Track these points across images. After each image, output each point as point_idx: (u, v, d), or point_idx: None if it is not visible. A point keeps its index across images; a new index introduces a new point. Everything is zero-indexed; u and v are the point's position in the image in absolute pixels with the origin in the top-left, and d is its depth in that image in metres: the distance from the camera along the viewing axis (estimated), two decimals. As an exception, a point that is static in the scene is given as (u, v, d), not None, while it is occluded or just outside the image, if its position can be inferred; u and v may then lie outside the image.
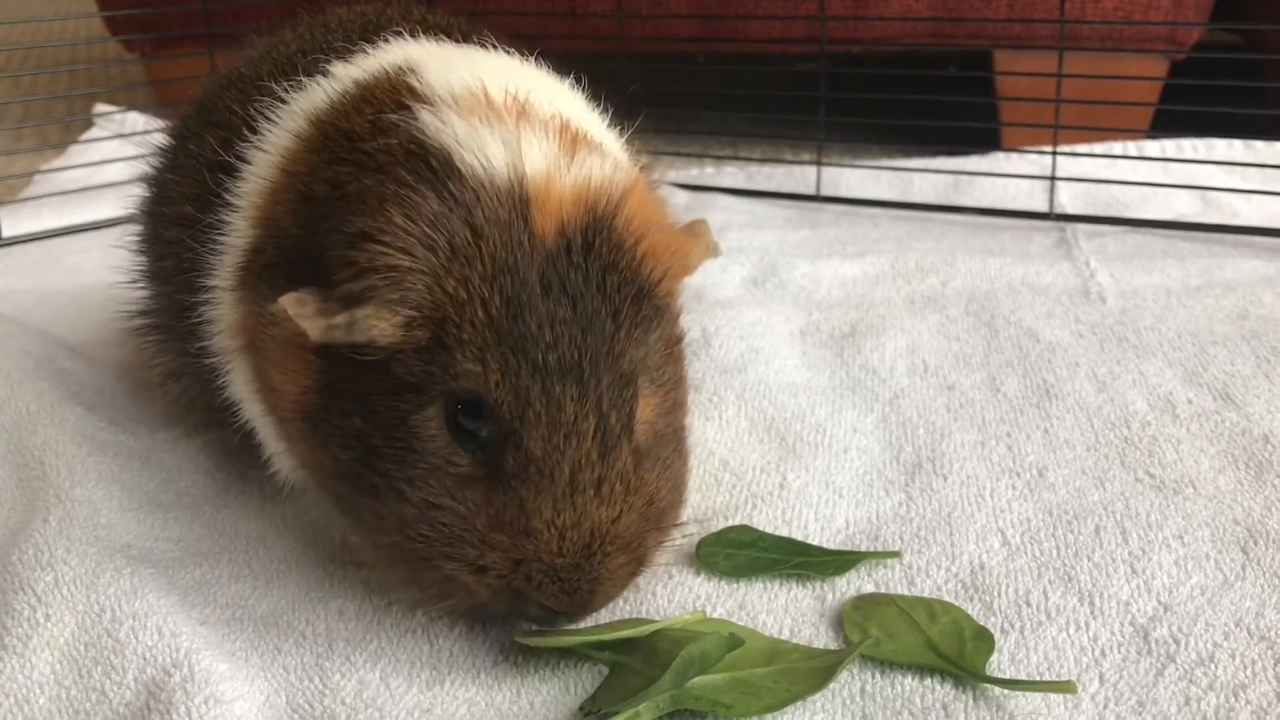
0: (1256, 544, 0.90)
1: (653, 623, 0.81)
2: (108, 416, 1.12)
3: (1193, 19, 1.90)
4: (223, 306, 0.88)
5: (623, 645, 0.79)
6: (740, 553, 0.91)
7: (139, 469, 1.05)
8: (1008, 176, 1.80)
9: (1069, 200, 1.74)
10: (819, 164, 1.85)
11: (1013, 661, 0.79)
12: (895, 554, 0.91)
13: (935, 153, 1.94)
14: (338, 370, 0.77)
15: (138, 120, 2.22)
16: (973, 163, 1.88)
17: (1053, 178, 1.70)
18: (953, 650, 0.79)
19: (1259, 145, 1.85)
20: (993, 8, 1.94)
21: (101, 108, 2.31)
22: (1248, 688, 0.75)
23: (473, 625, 0.84)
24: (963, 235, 1.65)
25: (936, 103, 1.86)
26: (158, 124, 2.10)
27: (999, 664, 0.79)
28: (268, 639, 0.84)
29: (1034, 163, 1.83)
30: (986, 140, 1.97)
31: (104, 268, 1.21)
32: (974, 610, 0.84)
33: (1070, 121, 1.71)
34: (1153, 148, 1.87)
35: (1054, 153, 1.71)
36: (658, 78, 1.92)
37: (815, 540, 0.94)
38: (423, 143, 0.77)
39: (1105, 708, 0.75)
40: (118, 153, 2.02)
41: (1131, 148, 1.88)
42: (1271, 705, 0.74)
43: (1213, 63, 1.84)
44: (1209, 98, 1.64)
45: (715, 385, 1.18)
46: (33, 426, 1.05)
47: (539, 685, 0.79)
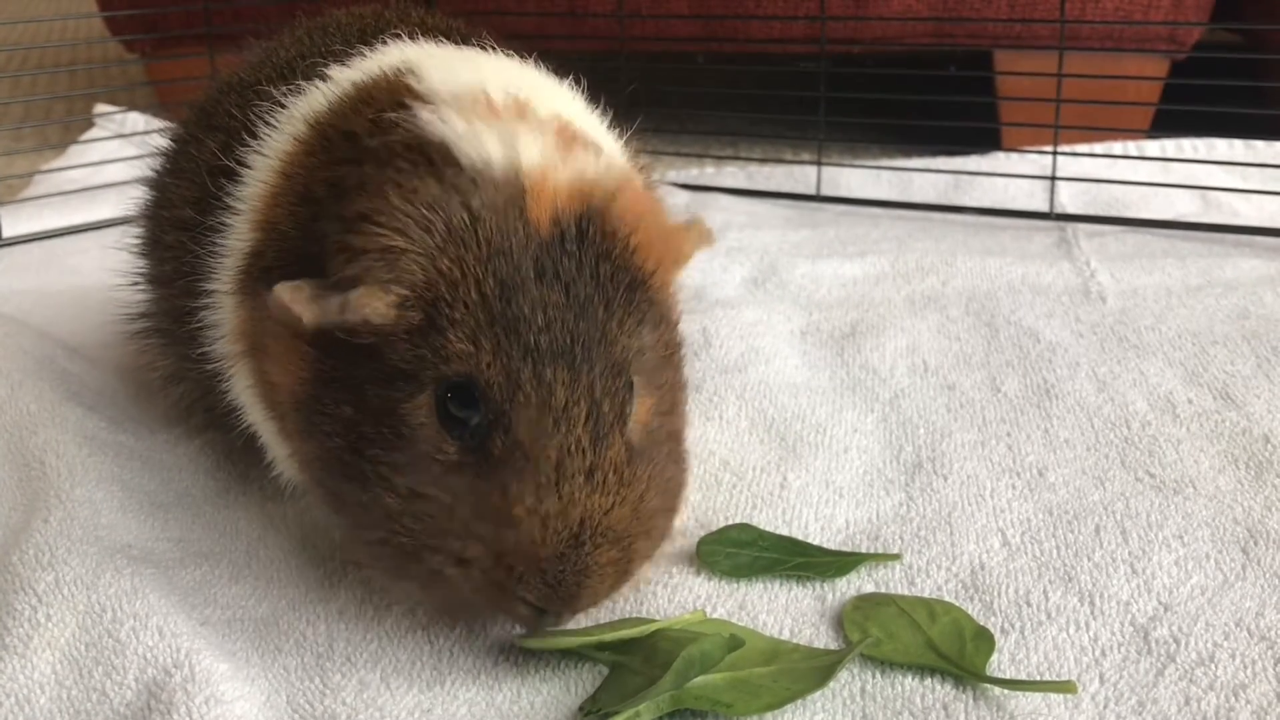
0: (1257, 544, 0.90)
1: (653, 622, 0.81)
2: (108, 417, 1.12)
3: (1193, 19, 1.90)
4: (223, 311, 0.88)
5: (623, 646, 0.79)
6: (741, 552, 0.91)
7: (139, 469, 1.05)
8: (1008, 176, 1.80)
9: (1069, 200, 1.74)
10: (819, 164, 1.85)
11: (1013, 661, 0.79)
12: (896, 556, 0.91)
13: (935, 152, 1.94)
14: (331, 360, 0.77)
15: (138, 120, 2.22)
16: (973, 162, 1.88)
17: (1053, 177, 1.70)
18: (953, 650, 0.79)
19: (1259, 145, 1.85)
20: (993, 7, 1.94)
21: (102, 108, 2.31)
22: (1248, 688, 0.75)
23: (469, 625, 0.83)
24: (963, 235, 1.65)
25: (937, 102, 1.86)
26: (158, 124, 2.10)
27: (999, 664, 0.79)
28: (268, 639, 0.84)
29: (1034, 162, 1.83)
30: (987, 140, 1.97)
31: (104, 268, 1.21)
32: (974, 610, 0.84)
33: (1070, 121, 1.71)
34: (1153, 147, 1.88)
35: (1054, 152, 1.71)
36: (658, 77, 1.92)
37: (815, 540, 0.94)
38: (422, 137, 0.77)
39: (1105, 708, 0.75)
40: (118, 153, 2.02)
41: (1132, 147, 1.88)
42: (1271, 705, 0.74)
43: (1213, 62, 1.84)
44: (1209, 97, 1.64)
45: (716, 385, 1.18)
46: (33, 427, 1.05)
47: (539, 685, 0.79)
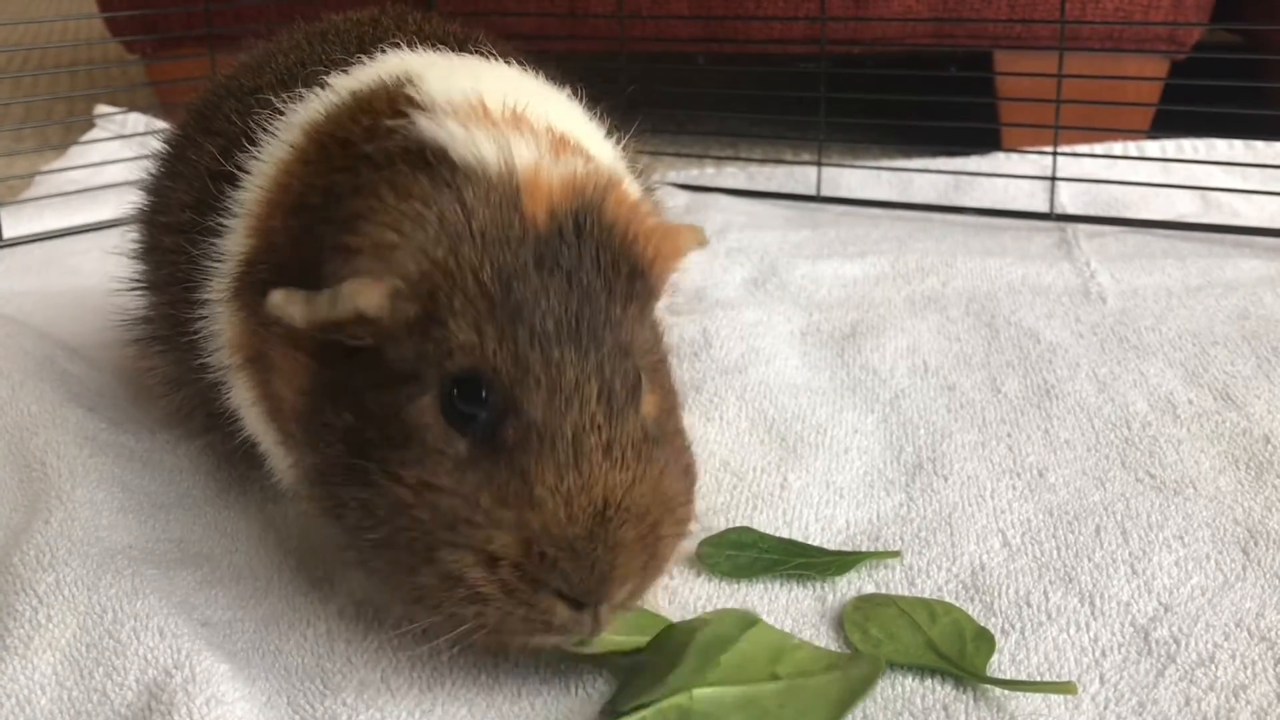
0: (1257, 544, 0.90)
1: (662, 621, 0.81)
2: (109, 418, 1.12)
3: (1193, 19, 1.90)
4: (220, 320, 0.88)
5: (632, 652, 0.79)
6: (741, 553, 0.91)
7: (140, 470, 1.05)
8: (1008, 177, 1.80)
9: (1069, 200, 1.74)
10: (819, 164, 1.85)
11: (1013, 662, 0.79)
12: (896, 554, 0.91)
13: (936, 153, 1.94)
14: (330, 370, 0.76)
15: (139, 121, 2.22)
16: (973, 163, 1.88)
17: (1053, 178, 1.70)
18: (953, 651, 0.79)
19: (1259, 145, 1.85)
20: (993, 8, 1.94)
21: (102, 109, 2.31)
22: (1248, 688, 0.75)
23: (488, 650, 0.78)
24: (963, 235, 1.65)
25: (937, 103, 1.86)
26: (158, 125, 2.10)
27: (999, 665, 0.79)
28: (269, 640, 0.84)
29: (1034, 163, 1.83)
30: (987, 141, 1.97)
31: (105, 269, 1.22)
32: (974, 611, 0.84)
33: (1071, 122, 1.71)
34: (1153, 148, 1.88)
35: (1054, 153, 1.71)
36: (658, 78, 1.92)
37: (816, 541, 0.94)
38: (419, 142, 0.78)
39: (1106, 708, 0.75)
40: (118, 154, 2.02)
41: (1132, 148, 1.88)
42: (1272, 706, 0.74)
43: (1213, 63, 1.84)
44: (1209, 98, 1.64)
45: (716, 386, 1.18)
46: (34, 428, 1.05)
47: (540, 686, 0.79)
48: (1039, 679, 0.78)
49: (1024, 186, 1.78)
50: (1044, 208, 1.70)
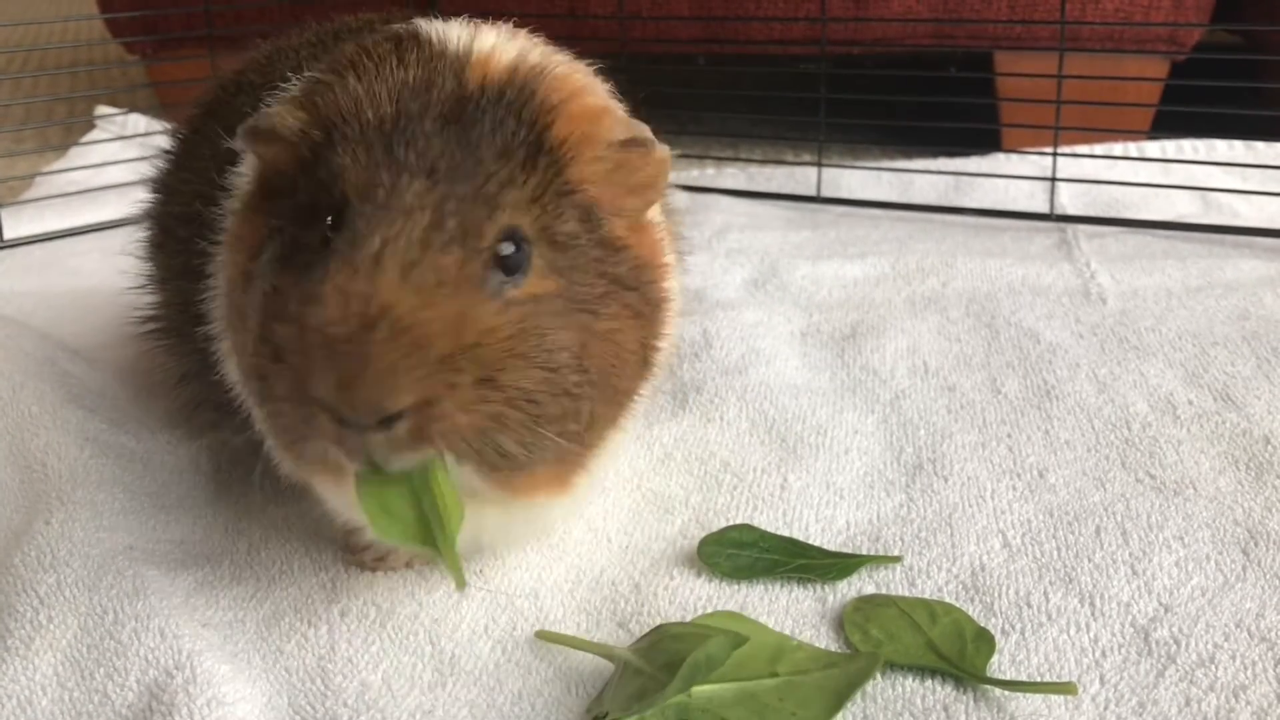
0: (1257, 545, 0.90)
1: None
2: (109, 419, 1.12)
3: (1193, 20, 1.90)
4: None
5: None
6: (742, 553, 0.91)
7: (141, 471, 1.05)
8: (1008, 177, 1.80)
9: (1069, 201, 1.74)
10: (819, 165, 1.85)
11: (1013, 663, 0.79)
12: (897, 559, 0.91)
13: (936, 154, 1.94)
14: (270, 240, 0.79)
15: (139, 122, 2.22)
16: (973, 164, 1.88)
17: (1053, 179, 1.70)
18: (953, 651, 0.79)
19: (1259, 146, 1.85)
20: (993, 9, 1.94)
21: (103, 110, 2.32)
22: (1248, 689, 0.75)
23: (301, 451, 0.75)
24: (963, 236, 1.65)
25: (937, 104, 1.87)
26: (159, 126, 2.10)
27: (1000, 665, 0.79)
28: (270, 640, 0.84)
29: (1034, 164, 1.83)
30: (987, 141, 1.97)
31: (106, 270, 1.22)
32: (975, 611, 0.84)
33: (1071, 122, 1.71)
34: (1153, 148, 1.88)
35: (1054, 154, 1.71)
36: (658, 79, 1.92)
37: (816, 541, 0.94)
38: (405, 29, 0.83)
39: (1106, 709, 0.75)
40: (119, 155, 2.02)
41: (1132, 148, 1.88)
42: (1272, 706, 0.74)
43: (1213, 63, 1.84)
44: (1210, 98, 1.64)
45: (716, 386, 1.18)
46: (35, 429, 1.06)
47: (541, 687, 0.79)
48: (1039, 679, 0.78)
49: (1024, 187, 1.78)
50: (1044, 208, 1.70)
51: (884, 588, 0.88)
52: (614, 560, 0.93)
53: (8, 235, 1.76)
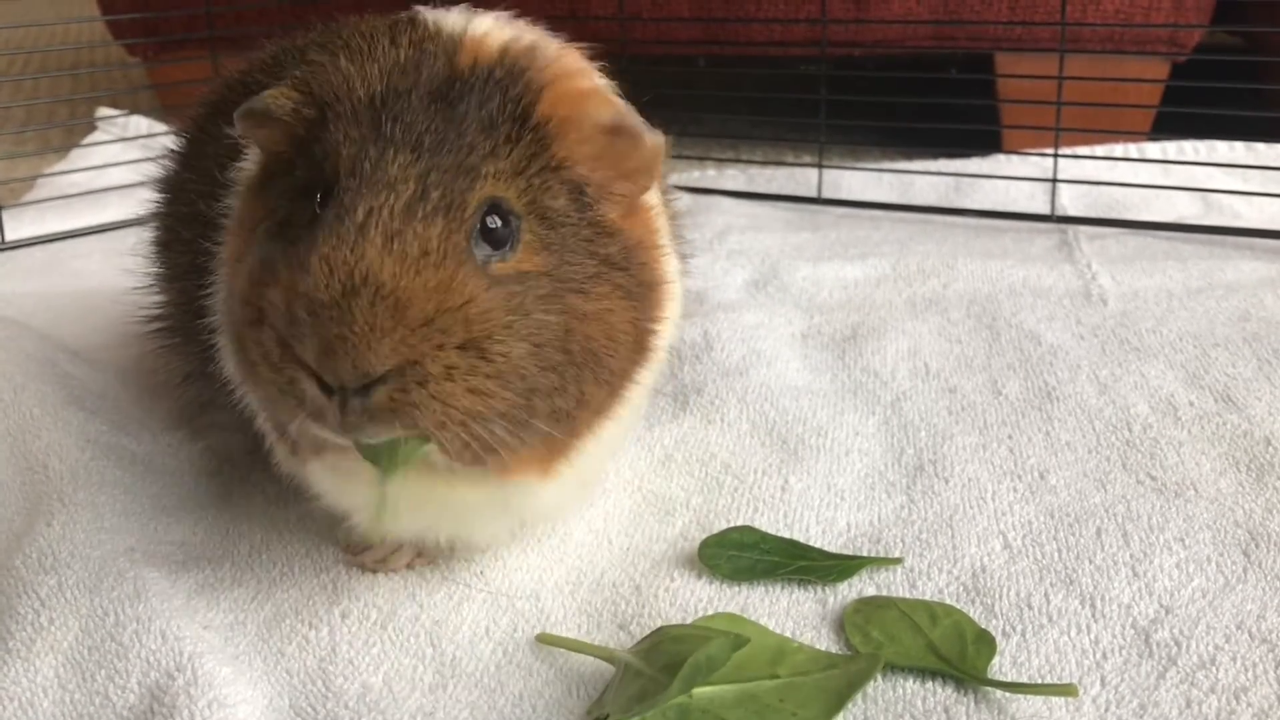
0: (1258, 546, 0.90)
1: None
2: (111, 420, 1.12)
3: (1194, 21, 1.90)
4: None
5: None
6: (743, 555, 0.91)
7: (142, 473, 1.05)
8: (1009, 179, 1.80)
9: (1070, 202, 1.74)
10: (820, 166, 1.85)
11: (1014, 664, 0.79)
12: (897, 560, 0.91)
13: (936, 155, 1.94)
14: (265, 220, 0.79)
15: (140, 124, 2.23)
16: (974, 165, 1.88)
17: (1054, 180, 1.70)
18: (954, 653, 0.79)
19: (1260, 147, 1.85)
20: (993, 10, 1.94)
21: (104, 111, 2.32)
22: (1249, 690, 0.75)
23: (286, 423, 0.74)
24: (964, 238, 1.65)
25: (938, 105, 1.87)
26: (160, 128, 2.11)
27: (1000, 667, 0.79)
28: (271, 643, 0.84)
29: (1035, 165, 1.83)
30: (988, 142, 1.97)
31: (107, 271, 1.22)
32: (975, 613, 0.84)
33: (1071, 124, 1.71)
34: (1154, 149, 1.88)
35: (1055, 155, 1.71)
36: (659, 80, 1.92)
37: (817, 543, 0.94)
38: (404, 16, 0.84)
39: (1107, 710, 0.75)
40: (120, 156, 2.02)
41: (1133, 149, 1.88)
42: (1273, 707, 0.74)
43: (1214, 64, 1.84)
44: (1210, 100, 1.64)
45: (717, 388, 1.18)
46: (36, 430, 1.06)
47: (542, 689, 0.79)
48: (1040, 681, 0.78)
49: (1025, 188, 1.78)
50: (1045, 210, 1.70)
51: (885, 589, 0.88)
52: (615, 562, 0.93)
53: (9, 237, 1.77)
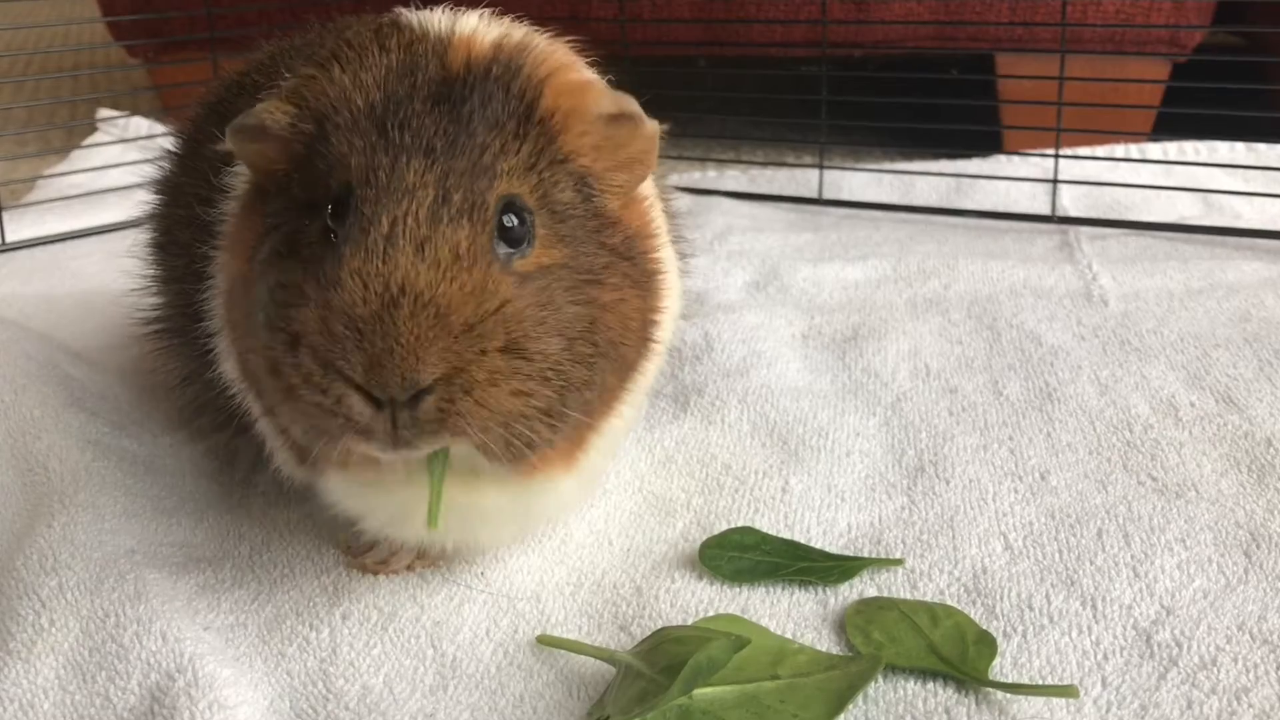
0: (1259, 547, 0.90)
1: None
2: (111, 421, 1.12)
3: (1195, 21, 1.90)
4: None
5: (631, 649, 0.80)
6: (743, 556, 0.91)
7: (143, 474, 1.05)
8: (1010, 179, 1.80)
9: (1071, 203, 1.74)
10: (821, 167, 1.85)
11: (1015, 665, 0.79)
12: (899, 562, 0.91)
13: (937, 156, 1.94)
14: (265, 239, 0.79)
15: (141, 125, 2.23)
16: (975, 166, 1.88)
17: (1055, 180, 1.70)
18: (955, 654, 0.79)
19: (1261, 148, 1.85)
20: (994, 10, 1.94)
21: (105, 112, 2.32)
22: (1250, 691, 0.75)
23: (322, 439, 0.73)
24: (965, 238, 1.65)
25: (938, 106, 1.87)
26: (161, 128, 2.11)
27: (1001, 668, 0.79)
28: (271, 644, 0.84)
29: (1036, 165, 1.83)
30: (988, 143, 1.97)
31: (107, 272, 1.22)
32: (976, 614, 0.84)
33: (1072, 124, 1.71)
34: (1155, 150, 1.88)
35: (1056, 155, 1.71)
36: (659, 81, 1.92)
37: (817, 544, 0.94)
38: (387, 21, 0.84)
39: (1108, 712, 0.75)
40: (121, 157, 2.03)
41: (1133, 150, 1.88)
42: (1274, 708, 0.74)
43: (1215, 65, 1.84)
44: (1211, 100, 1.64)
45: (717, 389, 1.18)
46: (36, 432, 1.06)
47: (543, 691, 0.79)
48: (1041, 682, 0.78)
49: (1025, 189, 1.78)
50: (1046, 210, 1.70)
51: (885, 590, 0.88)
52: (615, 563, 0.93)
53: (10, 238, 1.77)
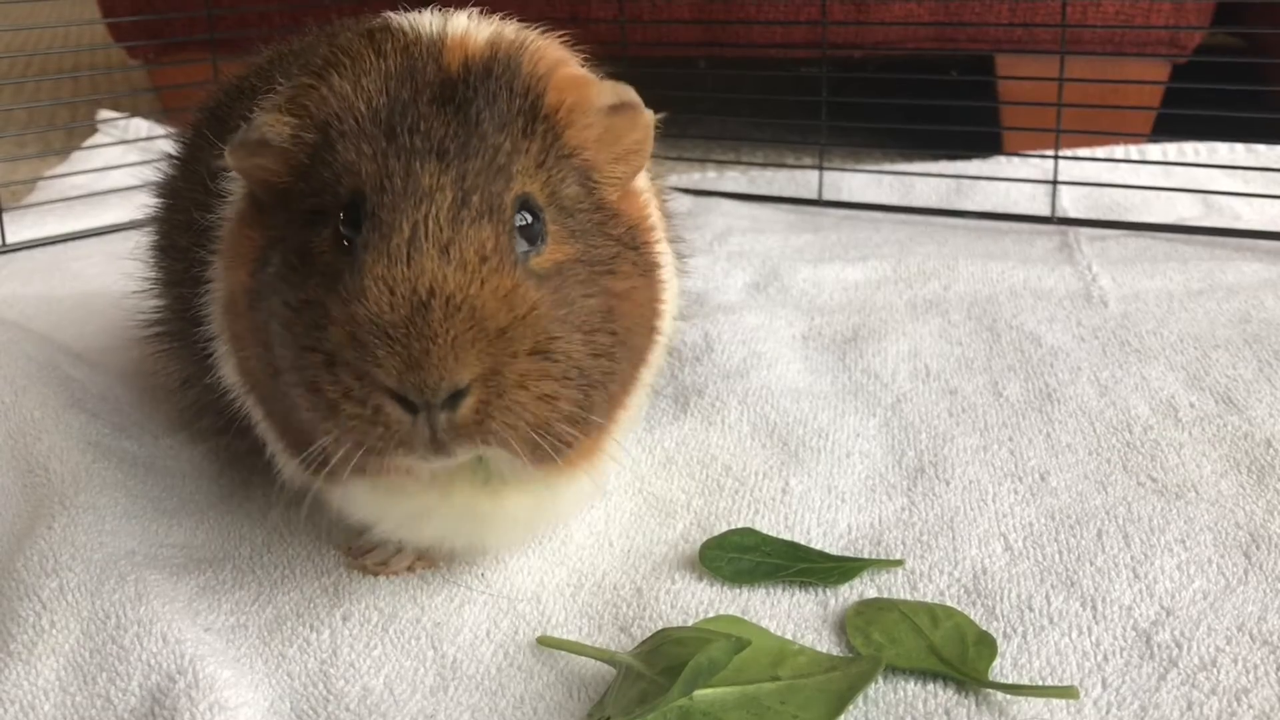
0: (1259, 548, 0.90)
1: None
2: (112, 423, 1.12)
3: (1194, 22, 1.90)
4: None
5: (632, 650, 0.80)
6: (744, 557, 0.91)
7: (143, 475, 1.05)
8: (1009, 180, 1.80)
9: (1071, 204, 1.74)
10: (821, 168, 1.85)
11: (1015, 666, 0.79)
12: (899, 563, 0.91)
13: (937, 157, 1.94)
14: (270, 252, 0.79)
15: (141, 126, 2.23)
16: (974, 167, 1.88)
17: (1054, 181, 1.70)
18: (955, 655, 0.79)
19: (1260, 148, 1.85)
20: (994, 12, 1.94)
21: (105, 114, 2.32)
22: (1250, 692, 0.75)
23: (369, 453, 0.72)
24: (965, 239, 1.65)
25: (938, 107, 1.87)
26: (161, 130, 2.11)
27: (1001, 669, 0.79)
28: (272, 645, 0.84)
29: (1036, 166, 1.83)
30: (988, 144, 1.98)
31: (108, 274, 1.22)
32: (976, 615, 0.84)
33: (1072, 125, 1.71)
34: (1154, 151, 1.88)
35: (1056, 156, 1.71)
36: (659, 82, 1.92)
37: (818, 545, 0.94)
38: (378, 24, 0.84)
39: (1108, 713, 0.75)
40: (121, 159, 2.03)
41: (1133, 151, 1.88)
42: (1274, 709, 0.74)
43: (1214, 66, 1.84)
44: (1211, 101, 1.64)
45: (717, 390, 1.18)
46: (37, 433, 1.06)
47: (543, 692, 0.79)
48: (1041, 683, 0.78)
49: (1025, 190, 1.78)
50: (1045, 211, 1.70)
51: (886, 591, 0.88)
52: (616, 564, 0.93)
53: (10, 239, 1.77)
